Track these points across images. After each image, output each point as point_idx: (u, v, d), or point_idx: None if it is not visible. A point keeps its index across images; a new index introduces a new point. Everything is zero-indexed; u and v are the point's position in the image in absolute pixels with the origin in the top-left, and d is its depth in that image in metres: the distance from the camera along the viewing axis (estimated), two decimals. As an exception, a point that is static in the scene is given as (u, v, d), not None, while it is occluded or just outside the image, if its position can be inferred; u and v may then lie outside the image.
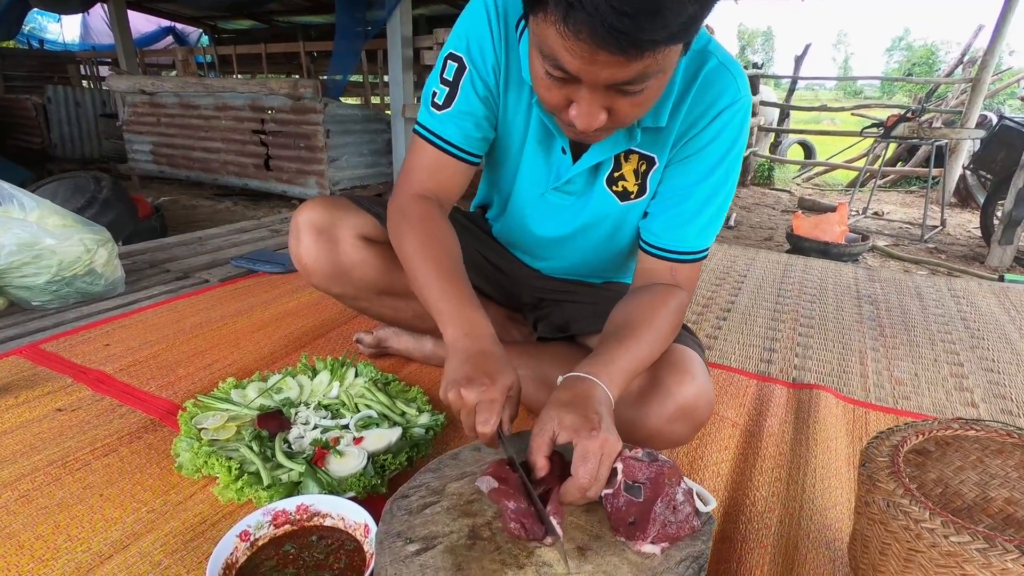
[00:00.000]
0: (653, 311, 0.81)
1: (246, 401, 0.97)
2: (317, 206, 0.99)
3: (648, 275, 0.89)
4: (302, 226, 0.99)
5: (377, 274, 1.01)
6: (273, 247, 2.09)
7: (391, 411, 0.95)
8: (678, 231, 0.86)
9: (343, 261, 0.99)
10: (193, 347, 1.25)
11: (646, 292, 0.85)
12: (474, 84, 0.84)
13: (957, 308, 1.65)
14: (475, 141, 0.88)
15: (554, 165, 0.90)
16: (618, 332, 0.77)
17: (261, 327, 1.36)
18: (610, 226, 0.97)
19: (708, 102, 0.80)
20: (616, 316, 0.83)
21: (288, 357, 1.22)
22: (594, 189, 0.91)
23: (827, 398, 1.13)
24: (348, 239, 0.99)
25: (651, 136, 0.83)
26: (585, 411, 0.63)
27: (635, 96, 0.63)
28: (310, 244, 0.98)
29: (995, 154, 4.87)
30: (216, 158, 4.57)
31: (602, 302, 1.06)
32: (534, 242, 1.06)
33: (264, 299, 1.53)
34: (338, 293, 1.04)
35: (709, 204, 0.85)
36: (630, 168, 0.88)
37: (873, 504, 0.60)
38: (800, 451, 0.96)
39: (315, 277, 1.01)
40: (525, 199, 0.98)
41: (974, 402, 1.16)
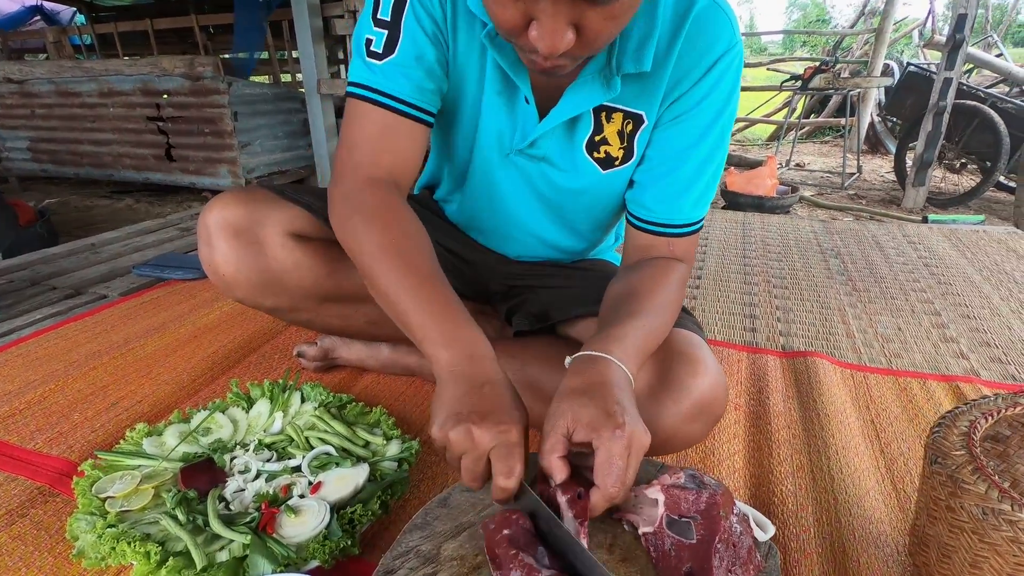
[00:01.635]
0: (655, 283, 0.71)
1: (164, 452, 0.77)
2: (231, 202, 0.80)
3: (642, 252, 0.78)
4: (214, 228, 0.79)
5: (317, 278, 0.83)
6: (183, 248, 1.82)
7: (352, 443, 0.78)
8: (674, 202, 0.75)
9: (273, 267, 0.80)
10: (91, 383, 1.02)
11: (645, 266, 0.75)
12: (419, 19, 0.68)
13: (917, 255, 1.64)
14: (429, 94, 0.71)
15: (519, 121, 0.75)
16: (623, 305, 0.67)
17: (176, 348, 1.14)
18: (589, 198, 0.83)
19: (702, 48, 0.67)
20: (615, 291, 0.72)
21: (214, 384, 1.02)
22: (571, 155, 0.77)
23: (823, 365, 1.06)
24: (276, 239, 0.80)
25: (635, 87, 0.70)
26: (604, 402, 0.53)
27: (608, 5, 0.50)
28: (227, 251, 0.78)
29: (904, 100, 5.10)
30: (108, 151, 4.07)
31: (581, 284, 0.93)
32: (499, 219, 0.91)
33: (177, 313, 1.30)
34: (271, 307, 0.85)
35: (705, 168, 0.74)
36: (613, 129, 0.75)
37: (959, 510, 0.51)
38: (813, 431, 0.88)
39: (239, 290, 0.82)
40: (487, 164, 0.82)
41: (963, 353, 1.13)
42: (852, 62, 6.78)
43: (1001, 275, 1.49)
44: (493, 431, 0.51)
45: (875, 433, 0.88)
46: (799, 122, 6.12)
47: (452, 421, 0.52)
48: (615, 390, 0.54)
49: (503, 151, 0.79)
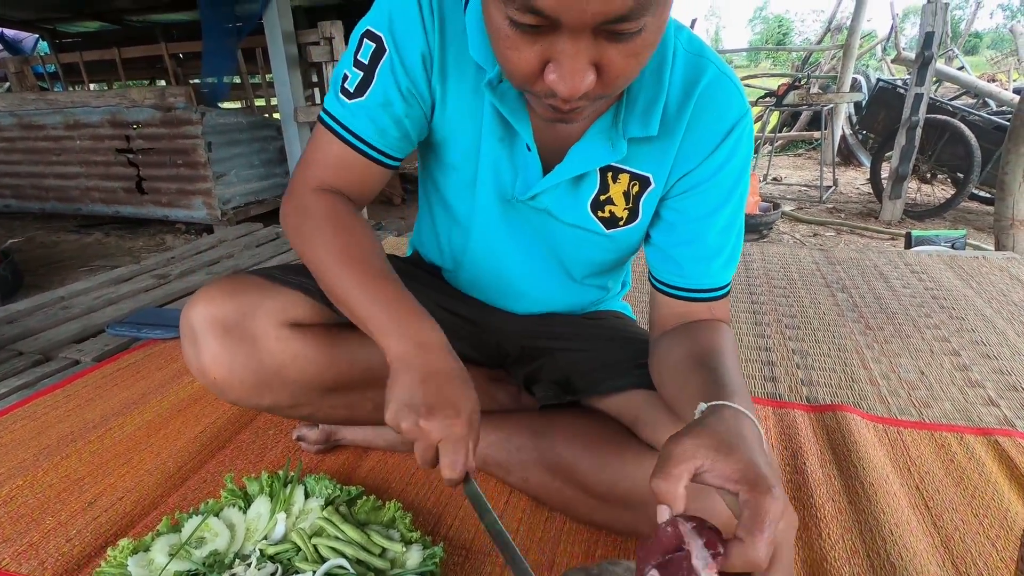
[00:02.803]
0: (724, 344, 0.67)
1: (152, 572, 0.68)
2: (217, 294, 0.72)
3: (682, 317, 0.74)
4: (200, 327, 0.71)
5: (318, 368, 0.75)
6: (161, 299, 1.72)
7: (368, 551, 0.70)
8: (706, 267, 0.73)
9: (269, 363, 0.72)
10: (64, 476, 0.91)
11: (703, 329, 0.71)
12: (394, 73, 0.66)
13: (923, 286, 1.62)
14: (393, 140, 0.71)
15: (520, 169, 0.72)
16: (714, 362, 0.62)
17: (159, 426, 1.04)
18: (591, 252, 0.80)
19: (714, 118, 0.67)
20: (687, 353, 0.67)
21: (203, 470, 0.92)
22: (575, 211, 0.74)
23: (854, 420, 1.01)
24: (270, 331, 0.72)
25: (643, 150, 0.68)
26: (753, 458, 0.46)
27: (629, 42, 0.48)
28: (217, 351, 0.70)
29: (876, 114, 5.22)
30: (75, 184, 3.91)
31: (600, 344, 0.87)
32: (501, 271, 0.85)
33: (158, 381, 1.20)
34: (269, 405, 0.77)
35: (730, 231, 0.73)
36: (619, 190, 0.72)
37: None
38: (859, 504, 0.83)
39: (232, 393, 0.73)
40: (488, 212, 0.78)
41: (992, 399, 1.09)
42: (821, 77, 6.94)
43: (1012, 307, 1.47)
44: (440, 424, 0.55)
45: (923, 503, 0.83)
46: (774, 136, 6.22)
47: (403, 412, 0.56)
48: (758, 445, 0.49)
49: (504, 197, 0.75)
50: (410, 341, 0.60)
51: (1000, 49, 14.19)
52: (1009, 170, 2.98)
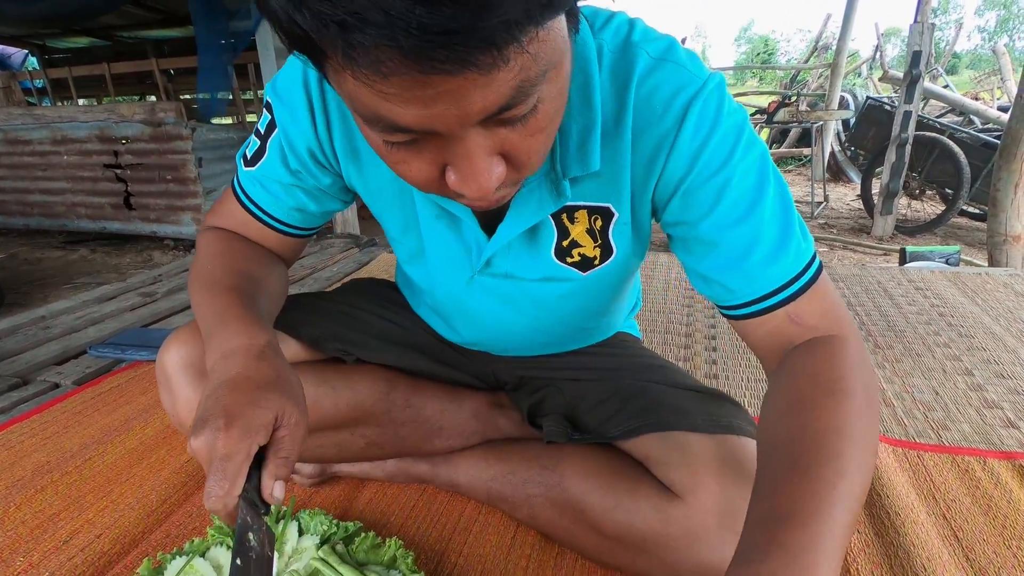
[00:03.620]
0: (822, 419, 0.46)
1: (131, 622, 0.62)
2: (190, 337, 0.66)
3: (770, 343, 0.58)
4: (174, 371, 0.65)
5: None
6: (146, 318, 1.66)
7: (367, 597, 0.64)
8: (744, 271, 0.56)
9: None
10: (39, 511, 0.85)
11: (792, 372, 0.52)
12: (283, 153, 0.63)
13: (929, 304, 1.60)
14: (292, 212, 0.68)
15: (469, 240, 0.65)
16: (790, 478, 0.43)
17: (141, 456, 0.98)
18: (577, 300, 0.72)
19: (660, 111, 0.54)
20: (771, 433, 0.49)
21: (187, 504, 0.86)
22: (539, 266, 0.65)
23: (872, 445, 0.97)
24: None
25: (592, 183, 0.59)
26: None
27: (527, 122, 0.39)
28: (191, 396, 0.65)
29: (866, 131, 5.27)
30: (60, 200, 3.84)
31: (608, 371, 0.82)
32: (485, 337, 0.80)
33: (142, 406, 1.14)
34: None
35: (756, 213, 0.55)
36: (581, 229, 0.63)
37: None
38: (887, 537, 0.78)
39: None
40: (449, 288, 0.73)
41: (1011, 421, 1.06)
42: (809, 95, 7.03)
43: (1020, 324, 1.45)
44: (207, 441, 0.45)
45: (952, 533, 0.79)
46: (765, 153, 6.25)
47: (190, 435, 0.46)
48: None
49: (463, 276, 0.69)
50: (216, 353, 0.52)
51: (979, 69, 14.54)
52: (1001, 187, 3.00)
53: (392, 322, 0.84)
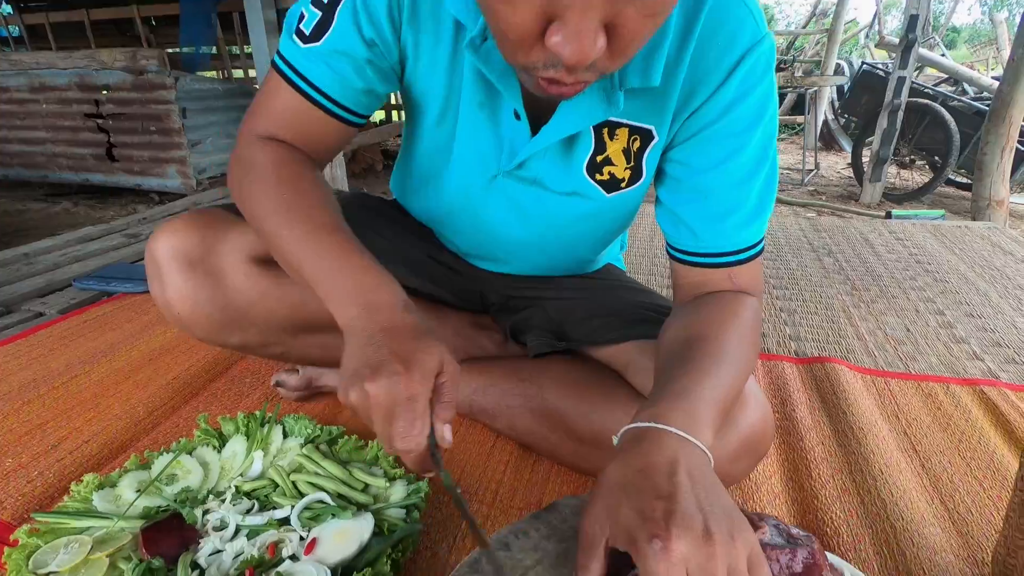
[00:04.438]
0: (725, 323, 0.58)
1: (120, 507, 0.64)
2: (181, 227, 0.67)
3: (697, 289, 0.66)
4: (164, 260, 0.66)
5: (289, 307, 0.71)
6: (131, 258, 1.65)
7: (350, 488, 0.67)
8: (720, 227, 0.63)
9: (236, 300, 0.68)
10: (26, 421, 0.87)
11: (707, 304, 0.62)
12: (357, 17, 0.58)
13: (908, 252, 1.63)
14: (356, 94, 0.63)
15: (505, 137, 0.64)
16: (684, 355, 0.54)
17: (128, 375, 0.99)
18: (591, 224, 0.74)
19: (719, 48, 0.56)
20: (671, 338, 0.60)
21: (175, 416, 0.88)
22: (569, 177, 0.66)
23: (842, 371, 1.01)
24: (237, 266, 0.68)
25: (641, 100, 0.60)
26: (643, 498, 0.39)
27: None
28: (182, 285, 0.66)
29: (859, 98, 5.25)
30: (41, 150, 3.76)
31: (596, 294, 0.84)
32: (486, 248, 0.81)
33: (128, 332, 1.15)
34: (238, 344, 0.73)
35: (751, 182, 0.61)
36: (618, 147, 0.64)
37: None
38: (849, 446, 0.82)
39: (198, 330, 0.69)
40: (467, 190, 0.72)
41: (976, 354, 1.10)
42: (806, 62, 6.96)
43: (993, 271, 1.49)
44: (385, 384, 0.44)
45: (911, 446, 0.83)
46: (758, 120, 6.22)
47: (349, 383, 0.46)
48: (666, 477, 0.40)
49: (487, 174, 0.68)
50: (356, 304, 0.51)
51: (977, 42, 14.41)
52: (988, 150, 3.02)
53: (381, 235, 0.84)
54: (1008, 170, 3.07)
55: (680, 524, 0.36)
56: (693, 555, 0.36)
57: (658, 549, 0.36)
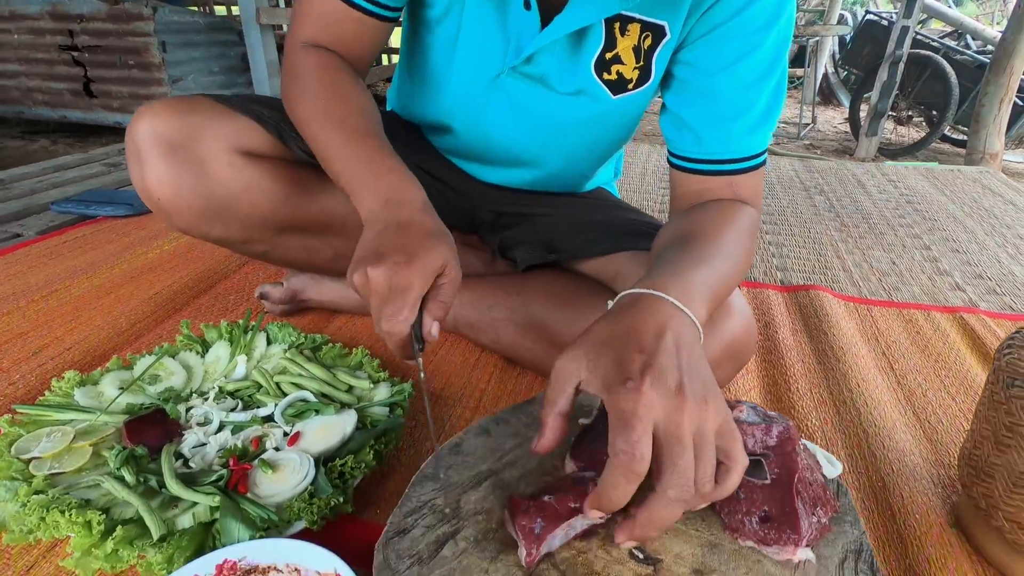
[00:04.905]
0: (723, 224, 0.57)
1: (102, 404, 0.64)
2: (163, 111, 0.65)
3: (699, 196, 0.64)
4: (144, 143, 0.64)
5: (273, 203, 0.70)
6: (112, 186, 1.61)
7: (333, 388, 0.67)
8: (727, 130, 0.61)
9: (218, 191, 0.66)
10: (6, 330, 0.86)
11: (705, 208, 0.61)
12: None
13: (899, 193, 1.63)
14: None
15: (512, 31, 0.63)
16: (682, 247, 0.53)
17: (110, 290, 0.98)
18: (596, 130, 0.72)
19: None
20: (668, 236, 0.59)
21: (159, 328, 0.88)
22: (575, 76, 0.65)
23: (826, 298, 1.01)
24: (220, 156, 0.66)
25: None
26: (623, 348, 0.39)
27: None
28: (162, 171, 0.64)
29: (861, 49, 5.14)
30: (15, 84, 3.62)
31: (586, 212, 0.84)
32: (484, 152, 0.79)
33: (109, 252, 1.13)
34: (219, 237, 0.72)
35: (762, 87, 0.60)
36: (628, 44, 0.63)
37: (1048, 434, 0.46)
38: (828, 363, 0.83)
39: (179, 219, 0.68)
40: (469, 88, 0.70)
41: (959, 285, 1.11)
42: (809, 11, 6.77)
43: (982, 211, 1.49)
44: (387, 271, 0.47)
45: (888, 365, 0.84)
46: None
47: (356, 265, 0.49)
48: (645, 335, 0.40)
49: (491, 71, 0.67)
50: (381, 197, 0.54)
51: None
52: (987, 101, 2.98)
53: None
54: (1004, 123, 3.04)
55: (656, 376, 0.36)
56: (662, 404, 0.36)
57: (630, 388, 0.36)
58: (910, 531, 0.56)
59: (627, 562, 0.39)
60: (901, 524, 0.57)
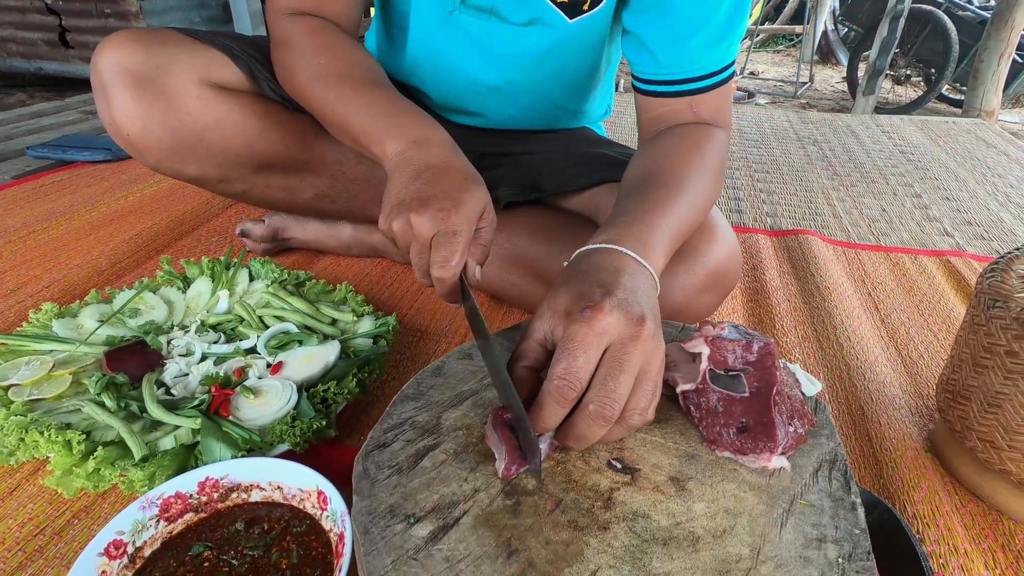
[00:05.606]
0: (685, 153, 0.57)
1: (81, 336, 0.63)
2: (127, 41, 0.63)
3: (662, 121, 0.63)
4: (109, 75, 0.62)
5: (248, 138, 0.68)
6: (90, 132, 1.56)
7: (317, 320, 0.67)
8: (682, 48, 0.60)
9: (189, 125, 0.64)
10: (-17, 269, 0.84)
11: (668, 137, 0.60)
12: None
13: (893, 143, 1.61)
14: None
15: None
16: (643, 188, 0.52)
17: (89, 232, 0.96)
18: (556, 60, 0.70)
19: None
20: (633, 171, 0.58)
21: (139, 269, 0.86)
22: (527, 2, 0.63)
23: (815, 242, 1.01)
24: (189, 89, 0.64)
25: None
26: (581, 285, 0.39)
27: None
28: (129, 104, 0.62)
29: (862, 3, 5.02)
30: (-13, 33, 3.47)
31: (570, 148, 0.82)
32: (454, 93, 0.77)
33: (88, 196, 1.10)
34: (194, 175, 0.70)
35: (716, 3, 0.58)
36: None
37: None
38: (814, 303, 0.84)
39: (150, 155, 0.66)
40: (426, 26, 0.69)
41: (947, 231, 1.11)
42: (809, -35, 6.58)
43: (974, 161, 1.48)
44: (431, 217, 0.45)
45: (874, 304, 0.85)
46: (756, 28, 5.97)
47: (395, 211, 0.47)
48: (603, 273, 0.40)
49: (444, 8, 0.65)
50: (405, 139, 0.51)
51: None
52: (986, 56, 2.94)
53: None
54: (1003, 79, 3.00)
55: (616, 304, 0.36)
56: (617, 330, 0.35)
57: (586, 316, 0.35)
58: (886, 455, 0.57)
59: (605, 471, 0.40)
60: (877, 448, 0.58)
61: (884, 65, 4.05)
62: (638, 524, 0.36)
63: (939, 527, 0.50)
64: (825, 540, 0.36)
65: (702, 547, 0.35)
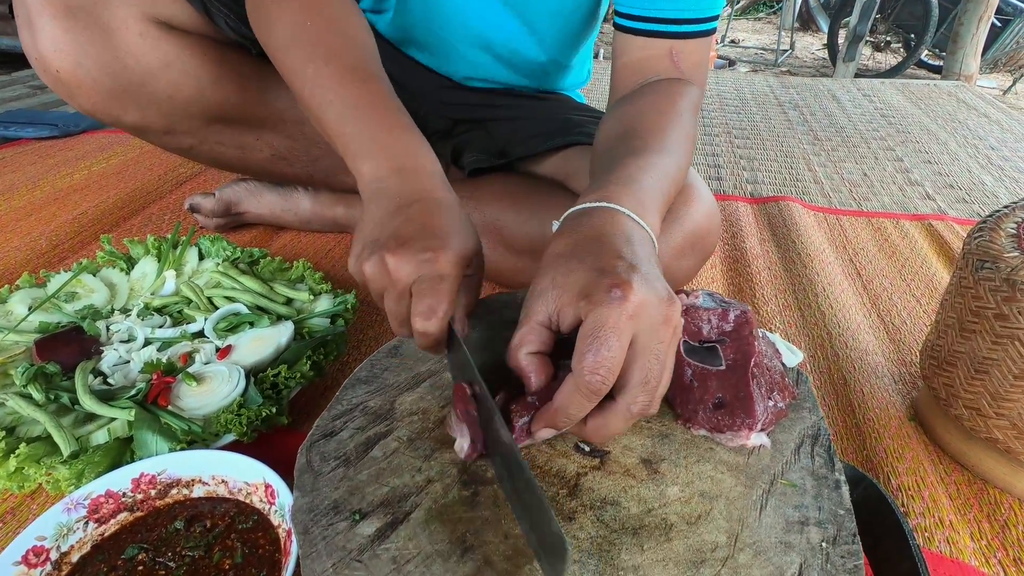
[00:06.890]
0: (663, 113, 0.53)
1: (11, 321, 0.58)
2: None
3: (639, 69, 0.59)
4: (35, 4, 0.55)
5: (199, 85, 0.62)
6: (37, 108, 1.47)
7: (270, 301, 0.62)
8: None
9: (131, 64, 0.58)
10: (-90, 254, 0.78)
11: (644, 93, 0.57)
12: None
13: (874, 107, 1.58)
14: None
15: None
16: (623, 145, 0.48)
17: (31, 212, 0.90)
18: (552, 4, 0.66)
19: None
20: (608, 130, 0.54)
21: (83, 251, 0.81)
22: None
23: (795, 208, 0.98)
24: (131, 24, 0.57)
25: None
26: (599, 259, 0.34)
27: None
28: (58, 35, 0.56)
29: (842, -31, 4.96)
30: (-71, 6, 3.27)
31: (543, 115, 0.78)
32: (441, 24, 0.72)
33: (31, 174, 1.03)
34: (136, 124, 0.64)
35: None
36: None
37: (1015, 316, 0.43)
38: (795, 271, 0.81)
39: (83, 96, 0.60)
40: None
41: (929, 195, 1.08)
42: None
43: (955, 123, 1.46)
44: (413, 260, 0.37)
45: (855, 271, 0.82)
46: (736, -5, 5.88)
47: (368, 251, 0.39)
48: (617, 242, 0.36)
49: None
50: (389, 163, 0.44)
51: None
52: (966, 20, 2.91)
53: None
54: (981, 43, 2.98)
55: (642, 280, 0.32)
56: (648, 312, 0.31)
57: (616, 296, 0.31)
58: (869, 425, 0.55)
59: (572, 455, 0.37)
60: (860, 418, 0.56)
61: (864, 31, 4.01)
62: (606, 512, 0.33)
63: (924, 499, 0.48)
64: (808, 523, 0.33)
65: (675, 535, 0.32)
